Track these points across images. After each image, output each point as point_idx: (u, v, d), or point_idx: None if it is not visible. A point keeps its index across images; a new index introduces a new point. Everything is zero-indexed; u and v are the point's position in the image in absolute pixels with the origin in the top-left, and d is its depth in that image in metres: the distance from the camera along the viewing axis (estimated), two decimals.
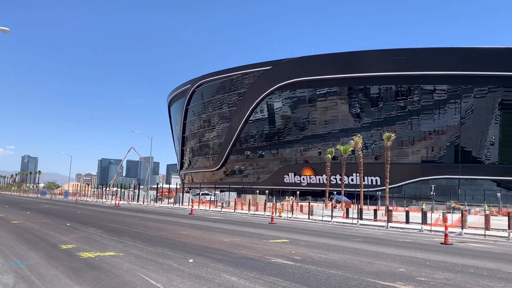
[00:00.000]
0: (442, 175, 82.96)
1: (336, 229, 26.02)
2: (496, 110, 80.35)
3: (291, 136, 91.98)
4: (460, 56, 78.86)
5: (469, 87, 79.99)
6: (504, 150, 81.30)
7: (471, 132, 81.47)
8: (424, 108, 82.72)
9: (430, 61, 79.21)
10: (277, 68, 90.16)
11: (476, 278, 9.82)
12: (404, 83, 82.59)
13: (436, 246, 17.42)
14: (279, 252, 13.49)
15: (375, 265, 11.49)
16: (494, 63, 77.31)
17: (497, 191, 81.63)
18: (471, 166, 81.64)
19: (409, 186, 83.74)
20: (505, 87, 79.11)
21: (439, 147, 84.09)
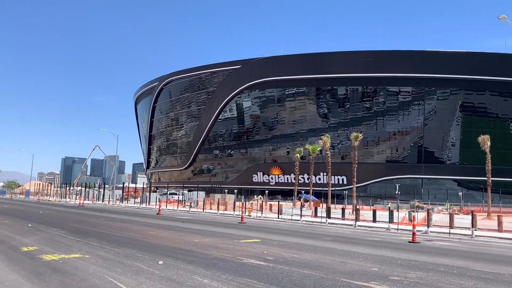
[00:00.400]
0: (406, 174, 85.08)
1: (305, 228, 26.10)
2: (458, 112, 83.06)
3: (260, 135, 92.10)
4: (424, 59, 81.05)
5: (433, 89, 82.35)
6: (464, 151, 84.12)
7: (433, 133, 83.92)
8: (389, 109, 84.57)
9: (396, 63, 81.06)
10: (246, 68, 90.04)
11: (447, 277, 9.94)
12: (370, 84, 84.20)
13: (404, 245, 17.68)
14: (251, 253, 13.30)
15: (348, 265, 11.48)
16: (456, 66, 79.89)
17: (458, 190, 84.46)
18: (434, 166, 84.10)
19: (374, 185, 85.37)
20: (466, 90, 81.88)
21: (403, 147, 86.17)
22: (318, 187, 78.38)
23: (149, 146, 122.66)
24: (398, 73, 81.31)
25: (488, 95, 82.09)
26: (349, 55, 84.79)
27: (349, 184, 79.54)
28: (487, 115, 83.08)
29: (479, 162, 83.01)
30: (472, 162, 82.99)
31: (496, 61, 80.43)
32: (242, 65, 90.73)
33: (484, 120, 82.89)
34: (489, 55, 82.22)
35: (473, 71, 79.90)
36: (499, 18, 22.35)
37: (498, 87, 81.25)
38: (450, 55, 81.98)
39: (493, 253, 15.93)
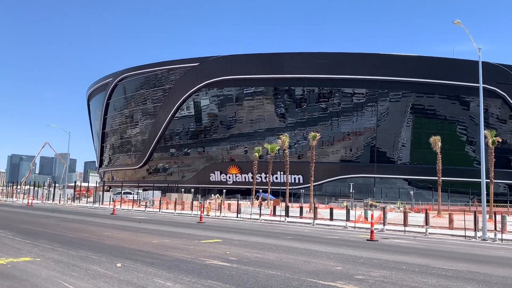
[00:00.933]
0: (359, 174, 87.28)
1: (265, 227, 26.04)
2: (408, 114, 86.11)
3: (218, 134, 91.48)
4: (378, 62, 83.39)
5: (385, 91, 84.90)
6: (414, 151, 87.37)
7: (386, 134, 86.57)
8: (344, 110, 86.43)
9: (351, 66, 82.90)
10: (204, 65, 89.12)
11: (411, 275, 10.08)
12: (326, 85, 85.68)
13: (363, 243, 17.94)
14: (213, 253, 12.99)
15: (312, 264, 11.42)
16: (408, 69, 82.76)
17: (409, 189, 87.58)
18: (386, 165, 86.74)
19: (329, 184, 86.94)
20: (417, 92, 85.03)
21: (357, 147, 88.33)
22: (275, 186, 78.84)
23: (102, 144, 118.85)
24: (353, 75, 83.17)
25: (437, 98, 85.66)
26: (306, 56, 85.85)
27: (306, 183, 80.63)
28: (436, 117, 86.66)
29: (428, 162, 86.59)
30: (422, 162, 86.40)
31: (445, 65, 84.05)
32: (200, 63, 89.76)
33: (433, 122, 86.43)
34: (439, 59, 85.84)
35: (423, 74, 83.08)
36: (454, 22, 23.23)
37: (446, 91, 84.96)
38: (402, 59, 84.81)
39: (448, 250, 16.46)
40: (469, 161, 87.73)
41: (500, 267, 11.65)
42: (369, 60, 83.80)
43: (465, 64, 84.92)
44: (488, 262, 12.80)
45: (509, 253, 15.83)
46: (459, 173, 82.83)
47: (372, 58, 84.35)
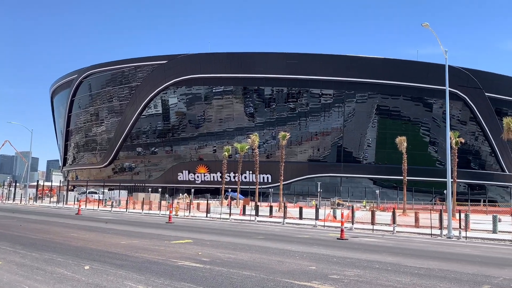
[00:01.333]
0: (326, 173, 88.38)
1: (235, 226, 25.85)
2: (374, 115, 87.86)
3: (186, 133, 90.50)
4: (345, 63, 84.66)
5: (352, 92, 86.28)
6: (379, 151, 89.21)
7: (352, 134, 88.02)
8: (312, 111, 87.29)
9: (319, 67, 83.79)
10: (173, 63, 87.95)
11: (384, 274, 10.15)
12: (295, 86, 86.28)
13: (334, 242, 18.05)
14: (185, 254, 12.71)
15: (286, 264, 11.34)
16: (374, 71, 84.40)
17: (374, 188, 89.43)
18: (352, 165, 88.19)
19: (297, 184, 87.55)
20: (382, 94, 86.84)
21: (324, 147, 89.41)
22: (244, 186, 78.85)
23: (66, 142, 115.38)
24: (321, 76, 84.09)
25: (402, 100, 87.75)
26: (275, 56, 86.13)
27: (274, 182, 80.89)
28: (400, 118, 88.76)
29: (393, 162, 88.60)
30: (387, 162, 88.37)
31: (410, 68, 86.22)
32: (168, 61, 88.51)
33: (398, 123, 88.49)
34: (404, 62, 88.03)
35: (389, 76, 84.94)
36: (422, 25, 23.76)
37: (410, 93, 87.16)
38: (369, 61, 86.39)
39: (417, 248, 16.77)
40: (432, 161, 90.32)
41: (469, 265, 11.93)
42: (336, 62, 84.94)
43: (429, 67, 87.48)
44: (456, 260, 13.09)
45: (474, 251, 16.27)
46: (422, 173, 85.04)
47: (339, 59, 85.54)
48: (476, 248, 17.54)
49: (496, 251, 16.57)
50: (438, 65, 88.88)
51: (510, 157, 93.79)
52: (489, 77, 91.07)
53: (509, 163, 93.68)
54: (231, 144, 76.31)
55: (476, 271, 10.75)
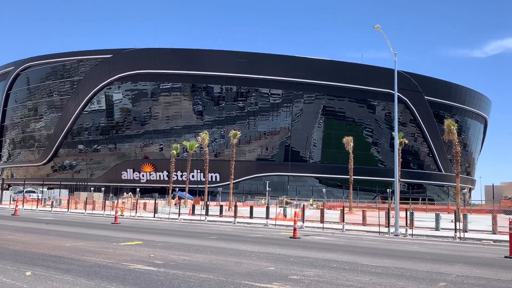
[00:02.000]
0: (274, 172, 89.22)
1: (186, 226, 25.22)
2: (320, 116, 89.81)
3: (131, 130, 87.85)
4: (293, 64, 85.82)
5: (300, 93, 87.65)
6: (325, 151, 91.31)
7: (299, 134, 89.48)
8: (261, 110, 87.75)
9: (268, 66, 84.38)
10: (118, 58, 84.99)
11: (343, 273, 10.13)
12: (244, 85, 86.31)
13: (288, 241, 18.00)
14: (136, 257, 12.07)
15: (243, 265, 11.05)
16: (321, 73, 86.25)
17: (320, 187, 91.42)
18: (299, 164, 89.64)
19: (246, 182, 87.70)
20: (329, 95, 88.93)
21: (272, 146, 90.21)
22: (192, 185, 77.87)
23: (0, 138, 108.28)
24: (270, 75, 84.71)
25: (347, 101, 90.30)
26: (225, 54, 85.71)
27: (222, 181, 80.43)
28: (345, 119, 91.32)
29: (338, 162, 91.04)
30: (332, 162, 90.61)
31: (355, 70, 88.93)
32: (113, 55, 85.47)
33: (343, 123, 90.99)
34: (350, 64, 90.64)
35: (335, 78, 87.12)
36: (374, 27, 24.35)
37: (355, 94, 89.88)
38: (316, 62, 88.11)
39: (368, 246, 17.08)
40: (374, 161, 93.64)
41: (421, 262, 12.23)
42: (285, 62, 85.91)
43: (373, 70, 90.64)
44: (408, 258, 13.40)
45: (422, 248, 16.83)
46: (366, 172, 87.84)
47: (288, 60, 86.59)
48: (423, 245, 18.16)
49: (442, 247, 17.23)
50: (381, 68, 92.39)
51: (446, 158, 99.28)
52: (428, 81, 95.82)
53: (445, 163, 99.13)
54: (179, 142, 74.99)
55: (429, 268, 11.01)
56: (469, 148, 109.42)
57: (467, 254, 15.02)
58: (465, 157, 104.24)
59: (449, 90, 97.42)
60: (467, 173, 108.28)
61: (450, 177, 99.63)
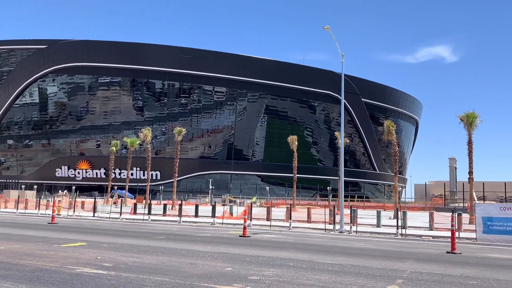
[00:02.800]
0: (217, 170, 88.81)
1: (129, 226, 24.20)
2: (263, 115, 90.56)
3: (66, 125, 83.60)
4: (238, 62, 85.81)
5: (244, 91, 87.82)
6: (267, 150, 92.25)
7: (242, 132, 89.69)
8: (204, 107, 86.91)
9: (213, 63, 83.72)
10: (53, 49, 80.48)
11: (302, 272, 10.05)
12: (188, 81, 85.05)
13: (238, 239, 17.76)
14: (82, 260, 11.28)
15: (199, 266, 10.66)
16: (265, 72, 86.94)
17: (262, 185, 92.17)
18: (241, 162, 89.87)
19: (188, 181, 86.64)
20: (272, 94, 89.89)
21: (215, 144, 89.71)
22: (132, 183, 75.66)
23: None
24: (214, 73, 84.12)
25: (289, 101, 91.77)
26: (168, 50, 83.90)
27: (163, 180, 78.78)
28: (287, 119, 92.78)
29: (279, 160, 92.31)
30: (274, 160, 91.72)
31: (297, 71, 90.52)
32: (49, 46, 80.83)
33: (285, 123, 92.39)
34: (293, 65, 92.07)
35: (278, 78, 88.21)
36: (324, 28, 24.71)
37: (297, 95, 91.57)
38: (260, 62, 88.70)
39: (318, 243, 17.23)
40: (314, 160, 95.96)
41: (373, 259, 12.48)
42: (230, 60, 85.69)
43: (314, 72, 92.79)
44: (360, 255, 13.65)
45: (370, 245, 17.27)
46: (306, 171, 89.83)
47: (233, 58, 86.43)
48: (369, 242, 18.67)
49: (387, 244, 17.79)
50: (322, 70, 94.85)
51: (380, 157, 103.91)
52: (365, 84, 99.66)
53: (379, 163, 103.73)
54: (117, 139, 72.43)
55: (383, 265, 11.24)
56: (402, 149, 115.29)
57: (412, 250, 15.60)
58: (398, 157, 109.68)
59: (384, 93, 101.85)
60: (399, 172, 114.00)
61: (384, 175, 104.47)
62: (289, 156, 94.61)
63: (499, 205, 19.88)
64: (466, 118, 31.96)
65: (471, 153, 31.77)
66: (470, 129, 31.92)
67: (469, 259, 13.42)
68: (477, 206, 19.44)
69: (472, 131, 31.94)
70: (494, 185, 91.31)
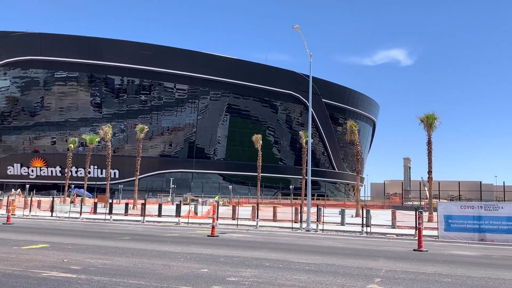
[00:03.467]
0: (178, 169, 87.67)
1: (91, 226, 23.30)
2: (226, 113, 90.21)
3: (19, 121, 79.90)
4: (201, 60, 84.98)
5: (207, 89, 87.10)
6: (229, 148, 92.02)
7: (204, 130, 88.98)
8: (165, 105, 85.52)
9: (174, 60, 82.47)
10: (6, 41, 76.65)
11: (280, 272, 9.94)
12: (148, 78, 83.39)
13: (208, 239, 17.46)
14: (46, 262, 10.68)
15: (174, 268, 10.34)
16: (228, 71, 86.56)
17: (223, 184, 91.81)
18: (203, 161, 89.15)
19: (147, 179, 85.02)
20: (234, 93, 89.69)
21: (177, 143, 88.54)
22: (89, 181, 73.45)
23: None
24: (176, 70, 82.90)
25: (252, 101, 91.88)
26: (128, 45, 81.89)
27: (122, 178, 76.90)
28: (249, 118, 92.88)
29: (241, 159, 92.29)
30: (235, 159, 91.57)
31: (260, 70, 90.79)
32: (0, 38, 76.91)
33: (247, 122, 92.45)
34: (255, 64, 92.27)
35: (241, 77, 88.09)
36: (294, 27, 24.75)
37: (259, 94, 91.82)
38: (223, 60, 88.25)
39: (288, 242, 17.17)
40: (275, 160, 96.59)
41: (347, 258, 12.56)
42: (193, 57, 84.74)
43: (277, 72, 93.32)
44: (333, 253, 13.72)
45: (338, 243, 17.42)
46: (268, 170, 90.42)
47: (196, 55, 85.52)
48: (337, 240, 18.86)
49: (354, 242, 18.02)
50: (285, 70, 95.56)
51: (339, 157, 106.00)
52: (325, 84, 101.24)
53: (338, 162, 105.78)
54: (74, 136, 70.05)
55: (357, 264, 11.32)
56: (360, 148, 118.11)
57: (380, 248, 15.87)
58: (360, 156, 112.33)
59: (343, 94, 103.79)
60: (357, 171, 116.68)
61: (343, 174, 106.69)
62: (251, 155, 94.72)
63: (460, 203, 20.66)
64: (426, 119, 32.99)
65: (431, 153, 32.86)
66: (430, 130, 32.98)
67: (436, 256, 13.78)
68: (439, 204, 20.11)
69: (431, 132, 33.03)
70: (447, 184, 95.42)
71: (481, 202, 19.24)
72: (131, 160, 77.33)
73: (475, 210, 18.72)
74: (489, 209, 18.46)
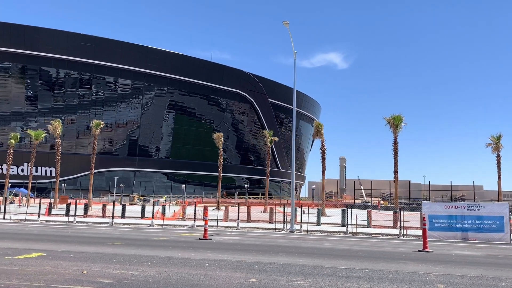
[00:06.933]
0: (119, 167, 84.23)
1: (61, 230, 21.21)
2: (171, 110, 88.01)
3: None
4: (146, 54, 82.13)
5: (151, 85, 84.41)
6: (174, 147, 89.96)
7: (148, 128, 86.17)
8: (106, 100, 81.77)
9: (118, 54, 79.06)
10: None
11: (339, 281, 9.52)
12: (89, 71, 79.31)
13: (206, 243, 16.48)
14: (66, 275, 9.33)
15: (214, 278, 9.42)
16: (174, 67, 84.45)
17: (167, 183, 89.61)
18: (146, 159, 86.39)
19: (84, 178, 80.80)
20: (180, 90, 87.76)
21: (117, 140, 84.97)
22: (19, 179, 68.54)
23: None
24: (119, 64, 79.54)
25: (198, 98, 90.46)
26: (67, 36, 77.13)
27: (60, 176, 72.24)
28: (195, 116, 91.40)
29: (186, 158, 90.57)
30: (180, 157, 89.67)
31: (207, 68, 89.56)
32: None
33: (193, 120, 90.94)
34: (202, 61, 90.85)
35: (187, 74, 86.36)
36: (283, 23, 24.20)
37: (206, 92, 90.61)
38: (169, 55, 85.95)
39: (286, 245, 16.51)
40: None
41: (375, 262, 12.32)
42: (137, 51, 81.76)
43: (224, 70, 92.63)
44: (356, 257, 13.43)
45: (338, 245, 17.19)
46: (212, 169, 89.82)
47: (140, 49, 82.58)
48: (332, 241, 18.60)
49: (353, 243, 17.85)
50: (232, 68, 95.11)
51: (284, 156, 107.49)
52: (271, 84, 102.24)
53: (282, 161, 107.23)
54: (5, 131, 64.91)
55: (395, 268, 11.14)
56: (302, 148, 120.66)
57: (385, 249, 15.81)
58: (298, 156, 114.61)
59: (287, 94, 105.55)
60: (299, 170, 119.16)
61: (286, 173, 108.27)
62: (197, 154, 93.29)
63: (444, 203, 21.43)
64: (393, 121, 34.09)
65: (396, 153, 34.00)
66: (396, 131, 34.13)
67: (445, 257, 13.93)
68: (424, 204, 20.71)
69: (397, 133, 34.19)
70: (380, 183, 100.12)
71: (464, 202, 20.07)
72: (69, 158, 72.96)
73: (459, 209, 19.50)
74: (472, 208, 19.32)
